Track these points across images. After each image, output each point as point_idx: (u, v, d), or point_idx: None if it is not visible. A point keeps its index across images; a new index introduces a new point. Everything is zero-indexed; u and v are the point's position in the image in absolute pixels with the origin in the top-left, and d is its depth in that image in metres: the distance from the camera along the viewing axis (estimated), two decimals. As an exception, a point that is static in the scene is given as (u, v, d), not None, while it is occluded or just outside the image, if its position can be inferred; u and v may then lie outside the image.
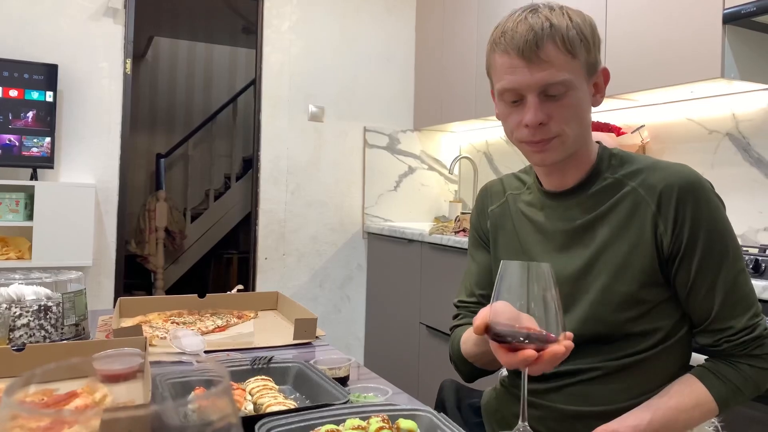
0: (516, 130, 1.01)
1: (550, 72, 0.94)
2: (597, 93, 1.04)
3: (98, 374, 0.84)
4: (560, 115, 0.96)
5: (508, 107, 1.01)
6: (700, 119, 2.34)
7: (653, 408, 0.96)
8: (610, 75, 1.06)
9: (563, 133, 0.97)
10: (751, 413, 1.49)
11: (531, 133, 0.98)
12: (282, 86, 3.45)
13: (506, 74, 0.97)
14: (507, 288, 0.78)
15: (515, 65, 0.96)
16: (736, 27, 1.93)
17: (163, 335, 1.37)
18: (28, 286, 1.29)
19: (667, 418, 0.95)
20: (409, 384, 3.03)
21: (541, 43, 0.94)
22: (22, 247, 2.78)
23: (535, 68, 0.94)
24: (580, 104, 0.98)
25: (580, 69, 0.97)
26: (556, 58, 0.94)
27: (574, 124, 0.98)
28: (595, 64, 1.00)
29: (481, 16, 3.13)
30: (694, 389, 0.97)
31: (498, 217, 1.18)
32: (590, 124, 1.05)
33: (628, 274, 0.99)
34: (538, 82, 0.95)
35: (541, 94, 0.96)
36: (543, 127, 0.97)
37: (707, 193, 0.98)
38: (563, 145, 0.99)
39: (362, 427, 0.80)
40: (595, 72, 1.01)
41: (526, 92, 0.96)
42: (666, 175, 0.99)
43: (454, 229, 2.85)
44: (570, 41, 0.95)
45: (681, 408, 0.96)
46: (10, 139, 2.75)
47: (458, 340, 1.15)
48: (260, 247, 3.41)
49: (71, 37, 2.97)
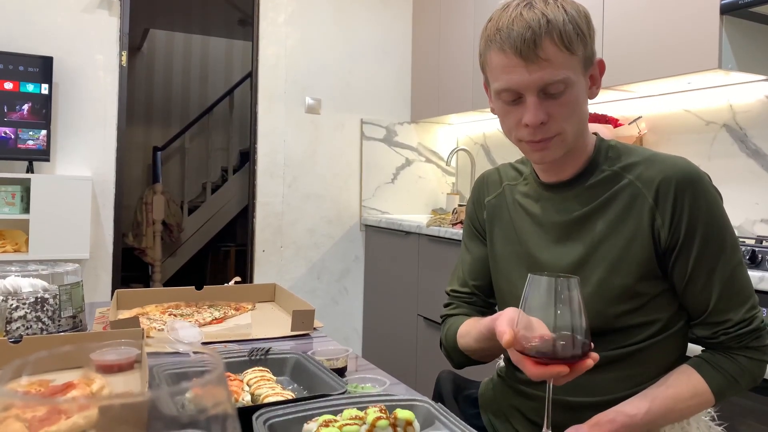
0: (515, 130, 0.99)
1: (549, 71, 0.92)
2: (593, 85, 1.02)
3: (94, 365, 0.84)
4: (560, 114, 0.95)
5: (506, 106, 0.99)
6: (697, 110, 2.34)
7: (651, 397, 0.97)
8: (605, 66, 1.04)
9: (563, 131, 0.96)
10: (745, 403, 1.50)
11: (531, 132, 0.96)
12: (278, 79, 3.44)
13: (504, 74, 0.95)
14: (535, 302, 0.79)
15: (513, 64, 0.93)
16: (733, 18, 1.93)
17: (161, 327, 1.37)
18: (25, 278, 1.29)
19: (665, 408, 0.96)
20: (406, 375, 3.04)
21: (539, 41, 0.91)
22: (19, 240, 2.77)
23: (534, 67, 0.92)
24: (578, 100, 0.97)
25: (578, 64, 0.95)
26: (554, 56, 0.92)
27: (573, 120, 0.97)
28: (591, 57, 0.99)
29: (478, 7, 3.11)
30: (692, 379, 0.97)
31: (494, 208, 1.18)
32: (587, 116, 1.04)
33: (625, 266, 0.99)
34: (537, 82, 0.92)
35: (540, 93, 0.94)
36: (543, 126, 0.95)
37: (705, 186, 0.98)
38: (563, 143, 0.98)
39: (360, 417, 0.80)
40: (591, 65, 1.00)
41: (524, 92, 0.94)
42: (663, 168, 0.99)
43: (452, 222, 2.85)
44: (568, 38, 0.92)
45: (678, 398, 0.96)
46: (6, 132, 2.74)
47: (454, 330, 1.16)
48: (258, 240, 3.41)
49: (66, 30, 2.95)
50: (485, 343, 1.03)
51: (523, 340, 0.79)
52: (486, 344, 1.03)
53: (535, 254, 1.08)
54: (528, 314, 0.80)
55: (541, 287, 0.78)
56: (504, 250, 1.14)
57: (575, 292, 0.78)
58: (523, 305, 0.79)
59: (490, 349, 1.07)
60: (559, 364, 0.77)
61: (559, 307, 0.77)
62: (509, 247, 1.13)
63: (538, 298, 0.78)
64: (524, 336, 0.79)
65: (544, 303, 0.78)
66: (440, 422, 0.86)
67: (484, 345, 1.04)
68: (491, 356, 1.12)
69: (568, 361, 0.77)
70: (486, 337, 1.00)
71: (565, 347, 0.77)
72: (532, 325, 0.78)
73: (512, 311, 0.87)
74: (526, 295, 0.79)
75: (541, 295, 0.78)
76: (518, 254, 1.11)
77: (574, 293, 0.77)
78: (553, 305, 0.77)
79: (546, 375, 0.79)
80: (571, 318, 0.77)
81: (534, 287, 0.79)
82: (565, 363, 0.77)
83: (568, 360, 0.77)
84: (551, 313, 0.77)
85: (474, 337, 1.07)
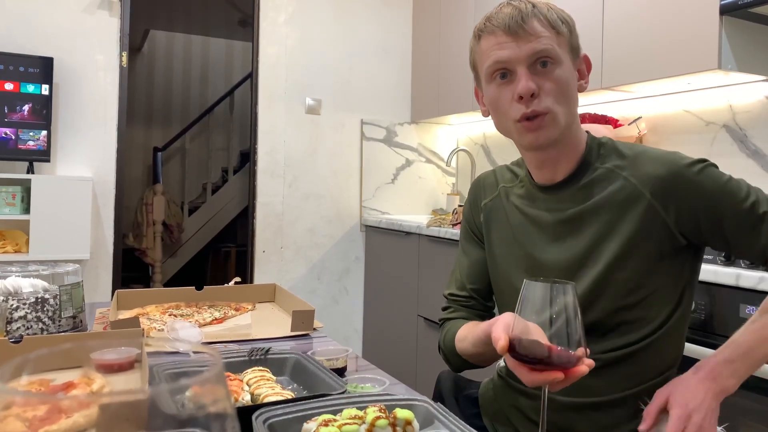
0: (509, 110, 1.01)
1: (537, 43, 0.98)
2: (581, 78, 1.06)
3: (95, 364, 0.84)
4: (550, 88, 0.98)
5: (498, 87, 1.02)
6: (697, 111, 2.34)
7: (737, 333, 0.98)
8: (591, 64, 1.09)
9: (553, 110, 0.99)
10: (745, 403, 1.50)
11: (524, 105, 0.98)
12: (279, 79, 3.44)
13: (494, 51, 1.00)
14: (530, 307, 0.78)
15: (502, 41, 0.99)
16: (733, 18, 1.93)
17: (161, 327, 1.37)
18: (26, 278, 1.29)
19: (760, 336, 0.96)
20: (406, 375, 3.04)
21: (526, 18, 0.98)
22: (19, 241, 2.78)
23: (522, 41, 0.98)
24: (567, 81, 1.01)
25: (564, 45, 1.01)
26: (541, 32, 0.98)
27: (563, 100, 1.00)
28: (577, 48, 1.04)
29: (478, 7, 3.12)
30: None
31: (491, 211, 1.18)
32: (577, 110, 1.06)
33: (627, 263, 0.99)
34: (527, 53, 0.98)
35: (531, 66, 0.98)
36: (534, 99, 0.98)
37: (696, 169, 0.99)
38: (555, 124, 1.00)
39: (359, 416, 0.81)
40: (578, 56, 1.05)
41: (515, 65, 0.99)
42: (657, 165, 1.00)
43: (452, 222, 2.86)
44: (552, 20, 1.00)
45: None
46: (6, 133, 2.75)
47: (452, 335, 1.16)
48: (258, 240, 3.41)
49: (67, 30, 2.96)
50: (483, 348, 1.03)
51: (519, 348, 0.79)
52: (483, 349, 1.03)
53: (533, 254, 1.08)
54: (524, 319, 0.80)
55: (537, 293, 0.78)
56: (502, 252, 1.14)
57: (571, 297, 0.77)
58: (519, 311, 0.79)
59: (488, 354, 1.07)
60: (555, 371, 0.77)
61: (554, 312, 0.77)
62: (507, 249, 1.13)
63: (533, 304, 0.78)
64: (519, 343, 0.79)
65: (540, 309, 0.78)
66: (439, 422, 0.86)
67: (481, 350, 1.04)
68: (489, 360, 1.12)
69: (563, 367, 0.77)
70: (483, 342, 1.00)
71: (560, 354, 0.77)
72: (529, 331, 0.78)
73: (508, 316, 0.87)
74: (522, 300, 0.79)
75: (536, 300, 0.78)
76: (517, 256, 1.11)
77: (570, 299, 0.77)
78: (549, 311, 0.77)
79: (541, 381, 0.79)
80: (566, 324, 0.77)
81: (529, 293, 0.79)
82: (560, 369, 0.77)
83: (563, 366, 0.77)
84: (546, 319, 0.77)
85: (471, 342, 1.07)
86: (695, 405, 0.92)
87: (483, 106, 1.11)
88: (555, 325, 0.77)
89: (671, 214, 0.99)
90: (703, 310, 1.63)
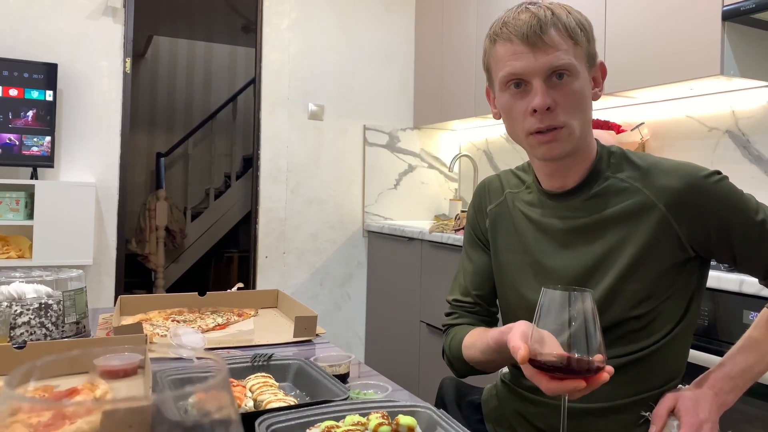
0: (522, 121, 1.00)
1: (555, 56, 0.95)
2: (596, 87, 1.05)
3: (98, 370, 0.84)
4: (565, 102, 0.96)
5: (512, 97, 1.00)
6: (699, 116, 2.34)
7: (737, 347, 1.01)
8: (606, 69, 1.07)
9: (569, 125, 0.97)
10: (748, 410, 1.49)
11: (538, 119, 0.97)
12: (282, 85, 3.45)
13: (510, 61, 0.97)
14: (549, 315, 0.78)
15: (519, 51, 0.96)
16: (735, 24, 1.93)
17: (164, 333, 1.37)
18: (29, 284, 1.29)
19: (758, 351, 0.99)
20: (409, 381, 3.03)
21: (545, 28, 0.95)
22: (23, 246, 2.78)
23: (540, 53, 0.95)
24: (583, 93, 0.99)
25: (582, 56, 0.98)
26: (560, 43, 0.95)
27: (578, 114, 0.98)
28: (594, 55, 1.02)
29: (481, 13, 3.13)
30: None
31: (497, 216, 1.18)
32: (591, 119, 1.05)
33: (638, 274, 0.99)
34: (544, 66, 0.95)
35: (547, 80, 0.96)
36: (550, 113, 0.96)
37: (712, 181, 0.98)
38: (570, 137, 0.98)
39: (362, 423, 0.81)
40: (594, 64, 1.02)
41: (531, 78, 0.96)
42: (673, 178, 0.99)
43: (454, 227, 2.85)
44: (571, 29, 0.97)
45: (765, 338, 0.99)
46: (10, 138, 2.76)
47: (458, 341, 1.15)
48: (260, 246, 3.41)
49: (71, 36, 2.97)
50: (492, 355, 1.02)
51: (538, 355, 0.79)
52: (492, 356, 1.02)
53: (541, 261, 1.07)
54: (542, 328, 0.79)
55: (555, 301, 0.78)
56: (509, 258, 1.14)
57: (589, 304, 0.77)
58: (537, 319, 0.79)
59: (497, 361, 1.06)
60: (576, 379, 0.77)
61: (573, 320, 0.77)
62: (515, 256, 1.12)
63: (552, 312, 0.78)
64: (538, 351, 0.78)
65: (559, 317, 0.77)
66: (442, 428, 0.86)
67: (490, 357, 1.03)
68: (496, 367, 1.11)
69: (583, 375, 0.77)
70: (493, 350, 0.99)
71: (580, 361, 0.76)
72: (545, 340, 0.78)
73: (524, 325, 0.86)
74: (540, 308, 0.78)
75: (555, 308, 0.77)
76: (524, 263, 1.10)
77: (589, 306, 0.77)
78: (568, 319, 0.77)
79: (562, 390, 0.78)
80: (585, 331, 0.76)
81: (548, 301, 0.78)
82: (581, 377, 0.77)
83: (583, 374, 0.77)
84: (566, 327, 0.77)
85: (480, 349, 1.06)
86: (705, 416, 0.92)
87: (494, 108, 1.09)
88: (574, 332, 0.77)
89: (684, 226, 0.98)
90: (706, 316, 1.62)
